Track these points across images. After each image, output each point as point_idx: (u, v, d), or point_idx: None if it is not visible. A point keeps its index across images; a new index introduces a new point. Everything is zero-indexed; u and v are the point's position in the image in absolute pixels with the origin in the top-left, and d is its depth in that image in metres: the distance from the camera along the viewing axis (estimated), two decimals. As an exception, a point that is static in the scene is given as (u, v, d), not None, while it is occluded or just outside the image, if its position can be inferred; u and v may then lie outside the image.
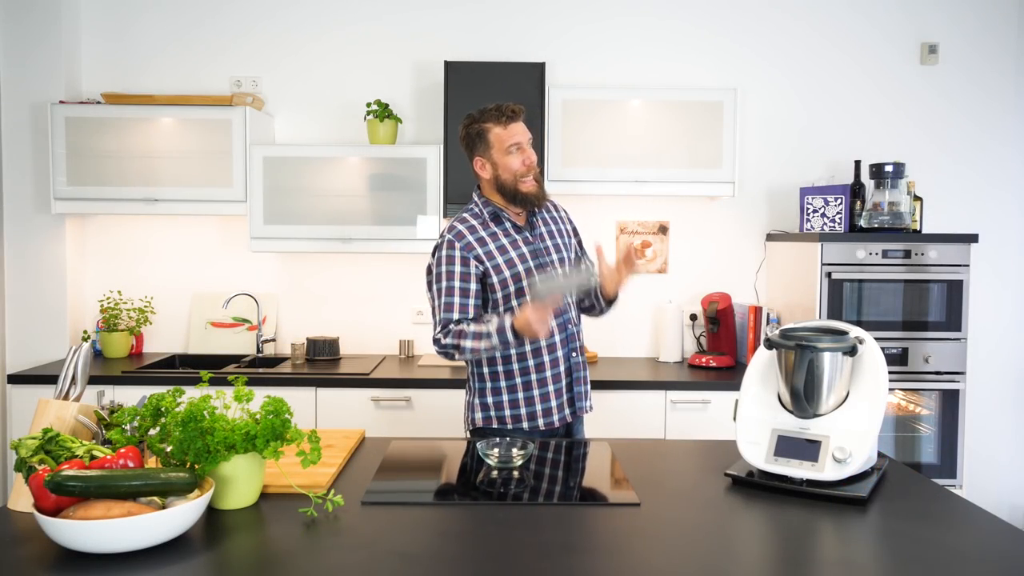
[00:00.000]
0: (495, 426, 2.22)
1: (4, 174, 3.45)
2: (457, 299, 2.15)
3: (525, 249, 2.21)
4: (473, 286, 2.16)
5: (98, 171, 3.31)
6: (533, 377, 2.20)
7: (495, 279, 2.17)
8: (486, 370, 2.23)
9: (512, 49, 3.64)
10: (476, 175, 2.27)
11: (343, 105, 3.66)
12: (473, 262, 2.16)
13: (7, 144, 3.44)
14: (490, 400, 2.23)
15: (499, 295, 2.18)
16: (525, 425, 2.22)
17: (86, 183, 3.31)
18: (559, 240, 2.30)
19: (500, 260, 2.17)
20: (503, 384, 2.22)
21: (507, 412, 2.21)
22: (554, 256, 2.26)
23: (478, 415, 2.24)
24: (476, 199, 2.28)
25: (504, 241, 2.20)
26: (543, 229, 2.28)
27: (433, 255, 2.22)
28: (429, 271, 2.25)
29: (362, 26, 3.64)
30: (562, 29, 3.65)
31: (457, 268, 2.15)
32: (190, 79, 3.64)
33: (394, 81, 3.65)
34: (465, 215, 2.24)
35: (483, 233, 2.20)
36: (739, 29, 3.66)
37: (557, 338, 2.22)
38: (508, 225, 2.23)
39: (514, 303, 2.17)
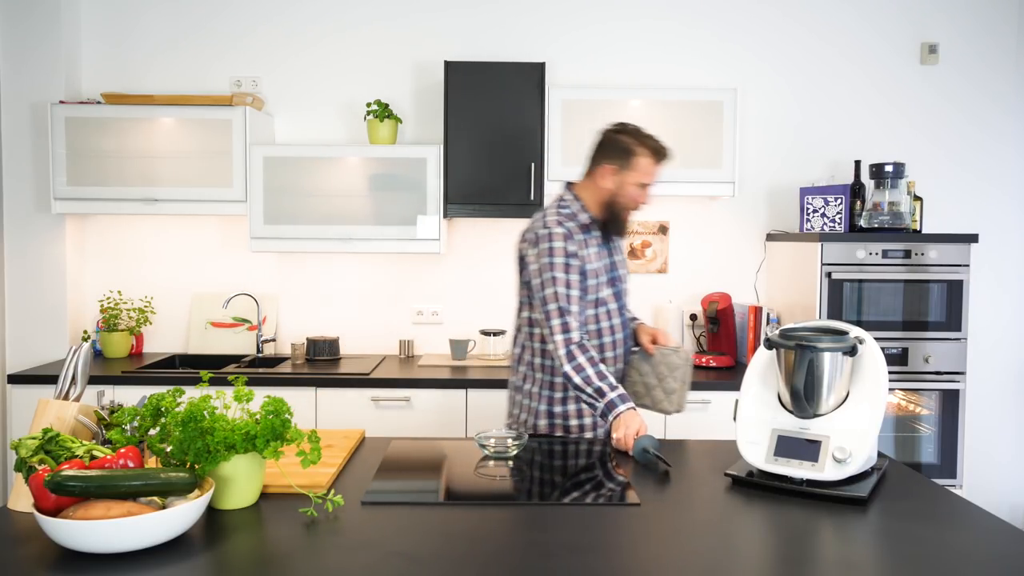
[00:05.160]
0: (558, 434, 2.24)
1: (4, 174, 3.45)
2: (571, 291, 2.14)
3: (606, 262, 2.27)
4: (577, 280, 2.16)
5: (98, 171, 3.31)
6: None
7: (580, 284, 2.18)
8: (558, 379, 2.23)
9: (512, 49, 3.64)
10: (591, 176, 2.26)
11: (343, 105, 3.66)
12: (578, 261, 2.17)
13: (7, 144, 3.45)
14: (557, 409, 2.23)
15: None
16: (588, 434, 2.24)
17: (86, 183, 3.31)
18: (624, 258, 2.39)
19: (592, 266, 2.21)
20: (572, 394, 2.22)
21: (573, 421, 2.23)
22: (620, 272, 2.32)
23: (542, 422, 2.24)
24: (571, 200, 2.26)
25: (593, 250, 2.23)
26: (615, 246, 2.34)
27: (537, 244, 2.18)
28: (522, 260, 2.25)
29: (362, 26, 3.64)
30: (562, 30, 3.65)
31: (567, 260, 2.15)
32: (190, 79, 3.64)
33: (394, 81, 3.66)
34: (563, 213, 2.23)
35: (581, 236, 2.21)
36: (739, 29, 3.66)
37: (621, 351, 2.29)
38: (595, 235, 2.26)
39: (589, 312, 2.21)
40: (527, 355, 2.30)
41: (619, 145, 2.22)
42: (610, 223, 2.26)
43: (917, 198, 3.37)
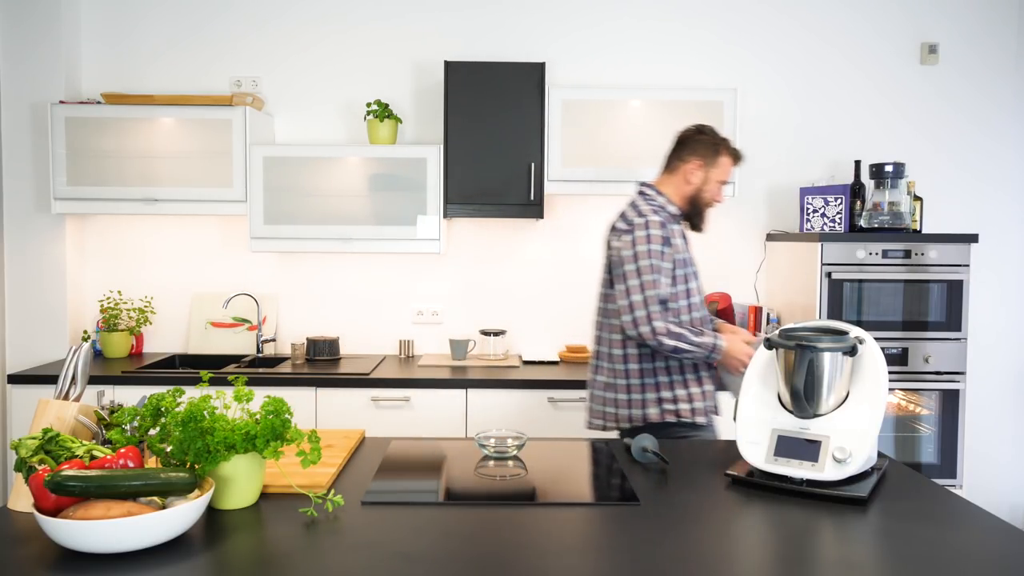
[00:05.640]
0: (671, 420, 2.27)
1: (4, 174, 3.46)
2: (664, 278, 2.21)
3: (688, 255, 2.34)
4: (670, 268, 2.24)
5: (98, 171, 3.31)
6: (704, 373, 2.31)
7: (672, 272, 2.26)
8: (660, 364, 2.28)
9: (512, 49, 3.64)
10: (675, 172, 2.39)
11: (343, 105, 3.66)
12: (671, 250, 2.25)
13: (7, 144, 3.45)
14: (666, 394, 2.28)
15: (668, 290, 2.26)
16: (700, 419, 2.28)
17: (86, 183, 3.31)
18: None
19: (682, 256, 2.30)
20: (688, 376, 2.29)
21: (684, 405, 2.28)
22: (696, 268, 2.39)
23: (652, 411, 2.28)
24: (654, 194, 2.37)
25: (680, 240, 2.32)
26: (689, 243, 2.43)
27: (632, 232, 2.25)
28: (611, 247, 2.31)
29: (362, 26, 3.65)
30: (562, 30, 3.65)
31: (663, 248, 2.23)
32: (190, 79, 3.64)
33: (394, 81, 3.66)
34: (653, 204, 2.33)
35: (672, 226, 2.30)
36: (739, 29, 3.66)
37: None
38: (679, 228, 2.36)
39: (682, 303, 2.27)
40: (622, 349, 2.31)
41: (705, 143, 2.37)
42: (693, 217, 2.41)
43: (917, 198, 3.37)
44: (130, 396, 3.08)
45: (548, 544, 1.36)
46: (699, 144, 2.36)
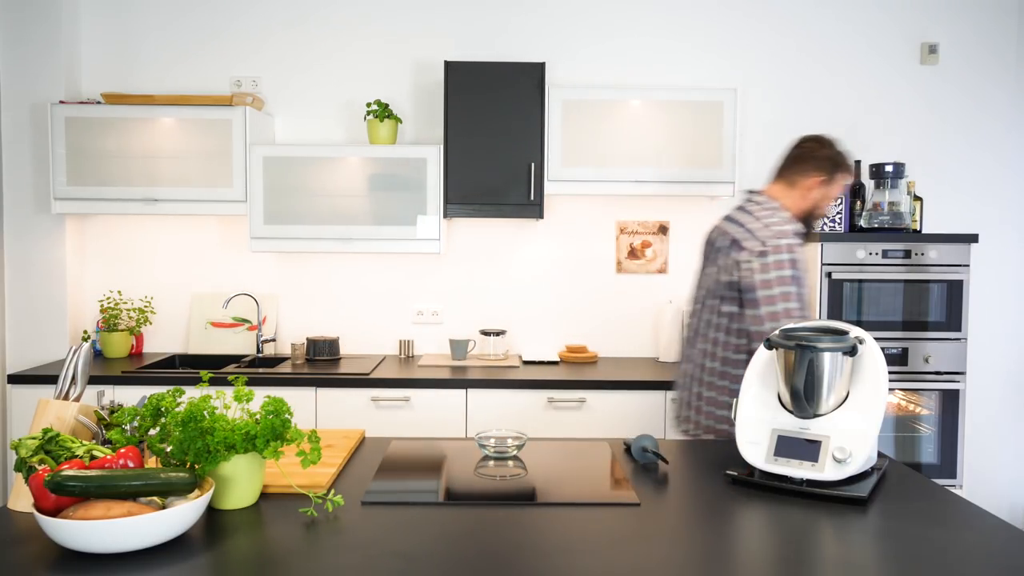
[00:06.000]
0: None
1: (4, 174, 3.46)
2: (798, 302, 2.15)
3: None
4: (800, 292, 2.19)
5: (98, 171, 3.31)
6: None
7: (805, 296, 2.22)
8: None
9: (512, 49, 3.64)
10: (793, 185, 2.33)
11: (343, 105, 3.66)
12: (802, 272, 2.19)
13: (7, 144, 3.45)
14: None
15: None
16: None
17: (86, 183, 3.31)
18: None
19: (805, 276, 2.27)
20: None
21: None
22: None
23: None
24: (777, 207, 2.29)
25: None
26: None
27: (765, 255, 2.17)
28: (740, 266, 2.21)
29: (362, 26, 3.65)
30: (562, 29, 3.65)
31: (799, 274, 2.17)
32: (190, 79, 3.64)
33: (394, 81, 3.66)
34: (784, 223, 2.24)
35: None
36: (739, 29, 3.66)
37: None
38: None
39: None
40: (746, 369, 2.22)
41: (826, 159, 2.31)
42: (807, 231, 2.35)
43: (917, 198, 3.37)
44: (130, 396, 3.08)
45: (548, 544, 1.36)
46: (820, 160, 2.30)
